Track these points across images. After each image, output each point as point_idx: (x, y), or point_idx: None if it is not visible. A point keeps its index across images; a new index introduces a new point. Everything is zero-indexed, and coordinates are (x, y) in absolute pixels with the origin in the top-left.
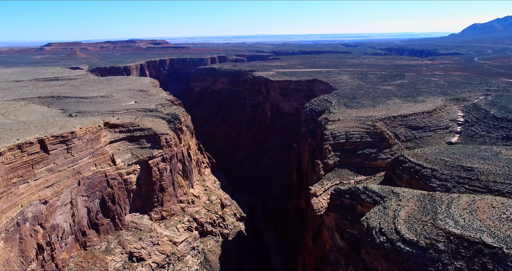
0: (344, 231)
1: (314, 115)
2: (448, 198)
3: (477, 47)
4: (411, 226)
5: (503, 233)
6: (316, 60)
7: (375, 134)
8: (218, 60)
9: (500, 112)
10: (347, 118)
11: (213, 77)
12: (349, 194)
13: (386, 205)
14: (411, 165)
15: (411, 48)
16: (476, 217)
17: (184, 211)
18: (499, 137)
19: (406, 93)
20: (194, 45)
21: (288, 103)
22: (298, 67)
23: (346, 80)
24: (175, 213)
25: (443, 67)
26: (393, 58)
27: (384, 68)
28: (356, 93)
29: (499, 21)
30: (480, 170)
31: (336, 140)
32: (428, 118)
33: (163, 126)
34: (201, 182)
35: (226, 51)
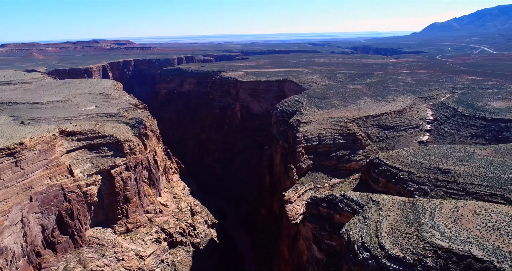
0: (322, 243)
1: (285, 117)
2: (430, 206)
3: (438, 45)
4: (396, 240)
5: (491, 244)
6: (285, 59)
7: (348, 136)
8: (185, 60)
9: (467, 110)
10: (319, 119)
11: (180, 78)
12: (326, 203)
13: (366, 215)
14: (387, 168)
15: (376, 47)
16: (462, 226)
17: (152, 222)
18: (468, 135)
19: (376, 92)
20: (160, 46)
21: (258, 104)
22: (267, 67)
23: (316, 80)
24: (141, 224)
25: (408, 65)
26: (360, 57)
27: (352, 67)
28: (327, 93)
29: (456, 20)
30: (457, 172)
31: (309, 142)
32: (399, 117)
33: (127, 132)
34: (169, 189)
35: (193, 51)
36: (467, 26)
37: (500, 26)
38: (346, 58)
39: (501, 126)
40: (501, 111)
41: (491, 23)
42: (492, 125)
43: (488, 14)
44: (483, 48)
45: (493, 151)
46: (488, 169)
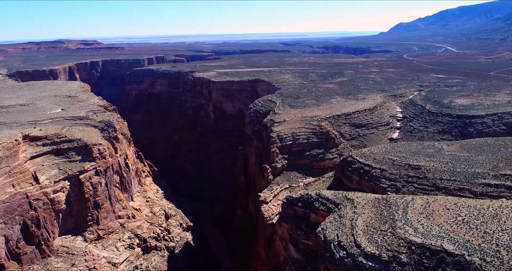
0: (298, 242)
1: (259, 117)
2: (403, 202)
3: (404, 44)
4: (371, 237)
5: (462, 238)
6: (257, 59)
7: (321, 135)
8: (155, 61)
9: (434, 107)
10: (292, 119)
11: (151, 79)
12: (301, 202)
13: (342, 213)
14: (360, 165)
15: (346, 46)
16: (433, 221)
17: (124, 227)
18: (436, 131)
19: (347, 91)
20: (130, 46)
21: (232, 104)
22: (239, 67)
23: (289, 79)
24: (113, 230)
25: (377, 64)
26: (330, 56)
27: (323, 66)
28: (300, 93)
29: (421, 20)
30: (427, 168)
31: (283, 142)
32: (370, 115)
33: (95, 135)
34: (142, 193)
35: (164, 51)
36: (431, 26)
37: (462, 26)
38: (317, 57)
39: (466, 123)
40: (465, 108)
41: (453, 23)
42: (457, 121)
43: (451, 14)
44: (446, 47)
45: (459, 147)
46: (456, 164)
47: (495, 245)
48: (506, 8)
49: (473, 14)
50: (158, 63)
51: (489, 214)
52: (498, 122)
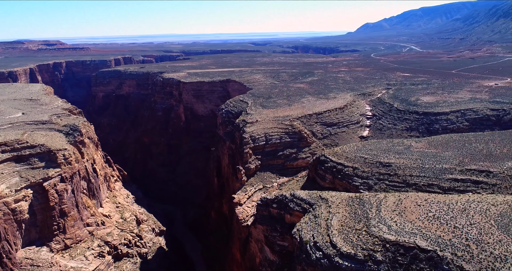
0: (274, 244)
1: (231, 117)
2: (376, 200)
3: (371, 44)
4: (347, 237)
5: (433, 234)
6: (227, 59)
7: (293, 134)
8: (123, 61)
9: (402, 105)
10: (265, 119)
11: (119, 80)
12: (276, 203)
13: (317, 214)
14: (333, 164)
15: (315, 46)
16: (406, 218)
17: (93, 235)
18: (404, 129)
19: (318, 90)
20: (95, 46)
21: (203, 105)
22: (210, 67)
23: (260, 79)
24: (81, 239)
25: (346, 63)
26: (300, 56)
27: (294, 66)
28: (271, 93)
29: (386, 20)
30: (397, 165)
31: (256, 142)
32: (340, 114)
33: (60, 140)
34: (111, 199)
35: (131, 52)
36: (396, 26)
37: (424, 26)
38: (287, 57)
39: (431, 120)
40: (431, 105)
41: (416, 23)
42: (424, 118)
43: (413, 15)
44: (411, 47)
45: (427, 143)
46: (424, 161)
47: (465, 240)
48: (465, 9)
49: (435, 15)
50: (126, 64)
51: (458, 209)
52: (461, 118)
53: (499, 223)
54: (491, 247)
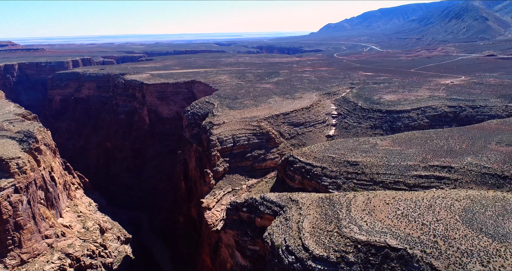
0: (245, 249)
1: (197, 119)
2: (345, 200)
3: (334, 44)
4: (318, 239)
5: (403, 232)
6: (192, 60)
7: (261, 135)
8: (81, 63)
9: (366, 104)
10: (232, 120)
11: (77, 83)
12: (246, 207)
13: (288, 216)
14: (302, 165)
15: (279, 46)
16: (376, 217)
17: (53, 248)
18: (368, 127)
19: (284, 90)
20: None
21: (168, 107)
22: (174, 68)
23: (226, 80)
24: (40, 252)
25: (311, 63)
26: (265, 56)
27: (259, 66)
28: (237, 93)
29: (347, 21)
30: (364, 163)
31: (224, 144)
32: (307, 114)
33: (13, 148)
34: (72, 208)
35: (91, 52)
36: (357, 26)
37: (383, 27)
38: (252, 57)
39: (394, 117)
40: (393, 104)
41: (375, 24)
42: (387, 116)
43: (373, 16)
44: (371, 47)
45: (391, 141)
46: (390, 158)
47: (432, 236)
48: (420, 11)
49: (392, 16)
50: (85, 65)
51: (425, 205)
52: (422, 116)
53: (463, 218)
54: (457, 243)
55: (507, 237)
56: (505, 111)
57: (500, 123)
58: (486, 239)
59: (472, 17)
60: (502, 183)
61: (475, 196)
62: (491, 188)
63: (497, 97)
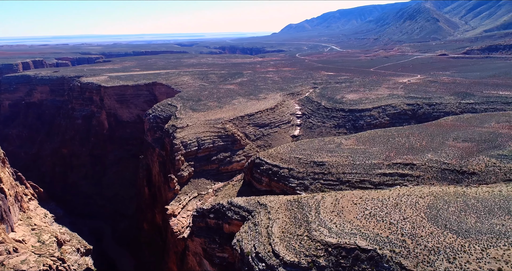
0: (213, 256)
1: (159, 122)
2: (314, 202)
3: (295, 44)
4: (289, 244)
5: (372, 232)
6: (153, 61)
7: (226, 137)
8: (33, 65)
9: (329, 103)
10: (196, 123)
11: (28, 86)
12: (213, 213)
13: (256, 221)
14: (268, 166)
15: (242, 47)
16: (345, 219)
17: (4, 265)
18: (332, 126)
19: (248, 91)
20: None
21: (128, 110)
22: (134, 69)
23: (188, 81)
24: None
25: (273, 63)
26: (228, 56)
27: (222, 67)
28: (201, 95)
29: (307, 22)
30: (330, 163)
31: (188, 148)
32: (272, 114)
33: None
34: (25, 221)
35: (43, 54)
36: (317, 27)
37: (342, 27)
38: (215, 58)
39: (357, 116)
40: (355, 103)
41: (335, 24)
42: (350, 115)
43: (332, 16)
44: (332, 47)
45: (356, 140)
46: (355, 157)
47: (400, 235)
48: (376, 12)
49: (351, 17)
50: (36, 68)
51: (391, 204)
52: (382, 114)
53: (428, 215)
54: (424, 240)
55: (470, 233)
56: (458, 108)
57: (455, 120)
58: (451, 235)
59: (424, 18)
60: (461, 178)
61: (437, 193)
62: (451, 183)
63: (450, 94)
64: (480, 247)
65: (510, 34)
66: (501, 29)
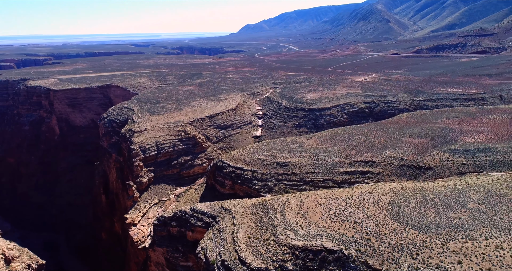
0: (177, 266)
1: (115, 127)
2: (279, 204)
3: (254, 44)
4: (255, 250)
5: (337, 232)
6: (106, 62)
7: (187, 140)
8: None
9: (289, 103)
10: (154, 126)
11: None
12: (175, 221)
13: (221, 227)
14: (231, 169)
15: (200, 47)
16: (310, 220)
17: None
18: (293, 126)
19: (208, 92)
20: None
21: (81, 114)
22: (86, 71)
23: (145, 83)
24: None
25: (233, 64)
26: (186, 57)
27: (181, 67)
28: (159, 97)
29: (265, 22)
30: (293, 164)
31: (147, 153)
32: (233, 115)
33: None
34: None
35: None
36: (274, 27)
37: (299, 28)
38: (173, 58)
39: (317, 115)
40: (315, 102)
41: (292, 25)
42: (310, 115)
43: (289, 17)
44: (290, 47)
45: (317, 139)
46: (317, 157)
47: (365, 234)
48: (331, 13)
49: (307, 17)
50: None
51: (355, 203)
52: (341, 112)
53: (390, 212)
54: (388, 238)
55: (430, 227)
56: (412, 105)
57: (410, 117)
58: (413, 231)
59: (376, 19)
60: (418, 173)
61: (398, 189)
62: (409, 179)
63: (404, 92)
64: (440, 242)
65: (454, 34)
66: (446, 29)
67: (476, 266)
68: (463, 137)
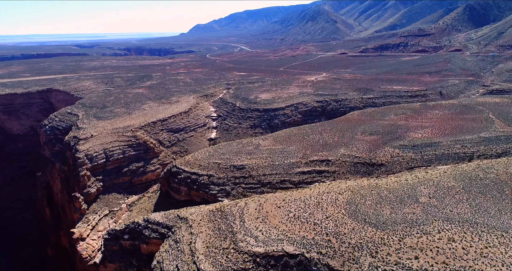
0: None
1: (58, 134)
2: (238, 209)
3: (205, 45)
4: (215, 260)
5: (298, 235)
6: (46, 65)
7: (138, 146)
8: None
9: (244, 104)
10: (102, 132)
11: None
12: (128, 234)
13: (177, 238)
14: (187, 175)
15: (149, 48)
16: (270, 224)
17: None
18: (248, 126)
19: (159, 95)
20: None
21: (18, 122)
22: (23, 75)
23: (90, 86)
24: None
25: (184, 65)
26: (135, 58)
27: (129, 69)
28: (106, 101)
29: (216, 22)
30: (250, 166)
31: (94, 161)
32: (186, 118)
33: None
34: None
35: None
36: (225, 27)
37: (250, 28)
38: (120, 60)
39: (271, 115)
40: (269, 102)
41: (242, 25)
42: (265, 115)
43: (239, 17)
44: (241, 47)
45: (273, 140)
46: (274, 158)
47: (325, 235)
48: (280, 13)
49: (257, 17)
50: None
51: (313, 203)
52: (295, 112)
53: (348, 211)
54: (348, 237)
55: (387, 224)
56: (361, 103)
57: (360, 114)
58: (371, 229)
59: (324, 19)
60: (371, 169)
61: (354, 187)
62: (364, 176)
63: (353, 90)
64: (397, 238)
65: (396, 34)
66: (388, 29)
67: (432, 260)
68: (411, 132)
